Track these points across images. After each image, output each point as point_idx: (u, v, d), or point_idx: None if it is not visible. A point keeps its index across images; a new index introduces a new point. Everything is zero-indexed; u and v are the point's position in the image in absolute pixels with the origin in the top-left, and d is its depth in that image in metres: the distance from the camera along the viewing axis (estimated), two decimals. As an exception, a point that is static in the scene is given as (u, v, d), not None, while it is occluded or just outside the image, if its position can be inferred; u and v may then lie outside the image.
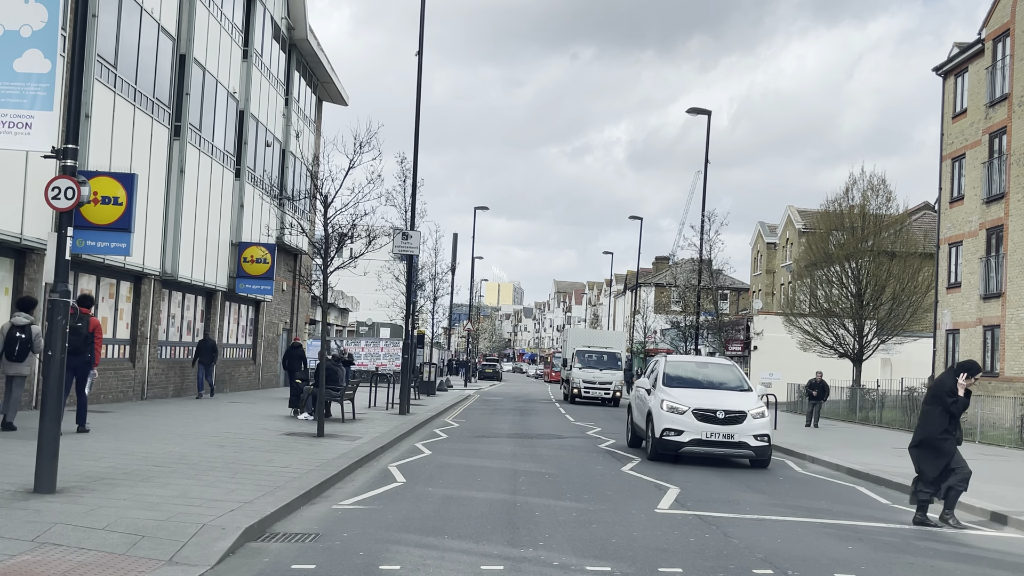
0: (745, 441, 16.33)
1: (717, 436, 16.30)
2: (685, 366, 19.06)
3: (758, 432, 16.43)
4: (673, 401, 16.66)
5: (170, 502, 9.18)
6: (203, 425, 17.75)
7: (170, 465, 11.84)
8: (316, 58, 36.43)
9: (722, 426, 16.29)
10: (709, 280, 41.03)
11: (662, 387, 17.34)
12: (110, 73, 20.29)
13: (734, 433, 16.30)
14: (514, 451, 17.77)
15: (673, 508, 11.37)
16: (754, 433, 16.38)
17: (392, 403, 27.00)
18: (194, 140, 25.42)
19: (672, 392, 17.09)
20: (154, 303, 24.14)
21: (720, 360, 19.84)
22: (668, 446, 16.43)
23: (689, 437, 16.29)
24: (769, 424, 16.93)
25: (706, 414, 16.39)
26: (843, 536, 10.18)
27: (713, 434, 16.27)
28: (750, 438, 16.35)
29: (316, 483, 11.24)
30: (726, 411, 16.43)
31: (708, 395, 17.17)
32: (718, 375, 18.47)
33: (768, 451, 16.71)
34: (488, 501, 11.18)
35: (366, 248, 17.52)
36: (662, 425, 16.44)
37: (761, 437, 16.46)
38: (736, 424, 16.34)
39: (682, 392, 17.10)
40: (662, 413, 16.56)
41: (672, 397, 16.83)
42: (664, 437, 16.40)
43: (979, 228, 32.02)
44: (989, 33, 31.69)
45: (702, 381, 18.00)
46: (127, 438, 14.80)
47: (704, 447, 16.51)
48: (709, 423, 16.30)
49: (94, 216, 18.54)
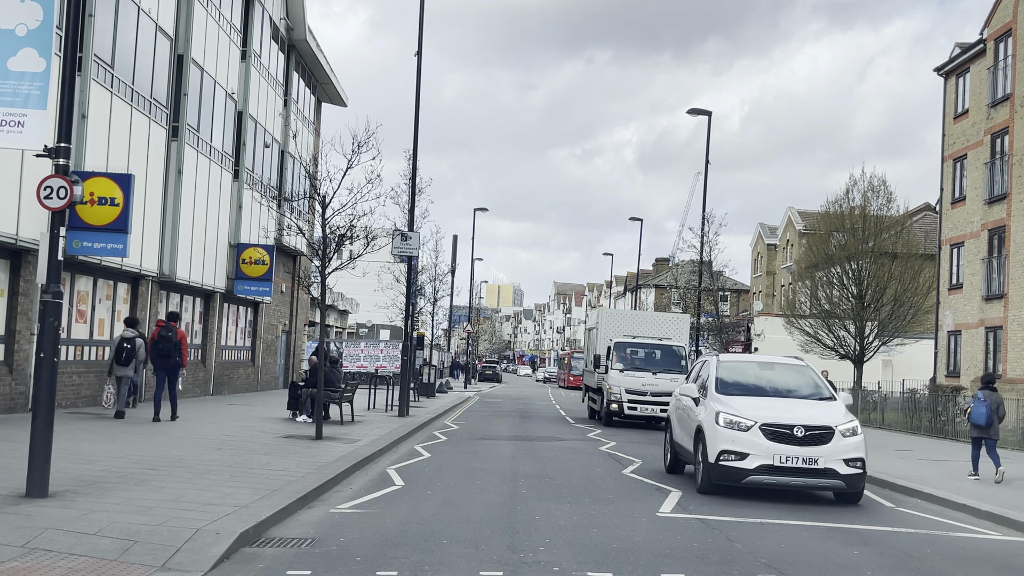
0: (833, 468, 12.38)
1: (795, 461, 12.31)
2: (744, 368, 14.82)
3: (850, 455, 12.51)
4: (733, 413, 12.82)
5: (164, 506, 9.03)
6: (200, 428, 17.60)
7: (165, 468, 11.70)
8: (315, 59, 36.30)
9: (802, 447, 12.38)
10: (710, 281, 40.88)
11: (715, 395, 13.50)
12: (107, 73, 20.16)
13: (818, 457, 12.34)
14: (514, 453, 17.63)
15: (675, 512, 11.23)
16: (845, 457, 12.46)
17: (391, 405, 26.85)
18: (192, 141, 25.28)
19: (730, 402, 13.22)
20: (152, 305, 23.98)
21: (789, 360, 15.28)
22: (727, 474, 12.49)
23: (756, 462, 12.33)
24: (864, 444, 12.82)
25: (779, 431, 12.48)
26: (848, 540, 10.03)
27: (790, 458, 12.30)
28: (839, 463, 12.41)
29: (313, 486, 11.09)
30: (807, 427, 12.50)
31: (779, 405, 13.29)
32: (788, 379, 14.44)
33: (862, 481, 12.73)
34: (487, 505, 11.04)
35: (364, 249, 17.38)
36: (719, 446, 12.59)
37: (854, 462, 12.52)
38: (821, 444, 12.46)
39: (743, 401, 13.26)
40: (718, 430, 12.69)
41: (731, 408, 12.98)
42: (721, 462, 12.50)
43: (981, 229, 31.89)
44: (991, 33, 31.56)
45: (767, 387, 14.16)
46: (123, 440, 14.65)
47: (777, 476, 12.41)
48: (784, 443, 12.40)
49: (91, 217, 18.42)
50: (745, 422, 12.61)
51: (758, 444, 12.44)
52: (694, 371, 15.53)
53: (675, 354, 27.62)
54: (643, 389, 26.53)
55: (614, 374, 26.83)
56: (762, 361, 15.53)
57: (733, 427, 12.65)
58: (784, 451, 12.35)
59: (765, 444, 12.41)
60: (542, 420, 28.98)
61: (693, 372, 15.62)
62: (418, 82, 25.82)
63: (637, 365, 27.15)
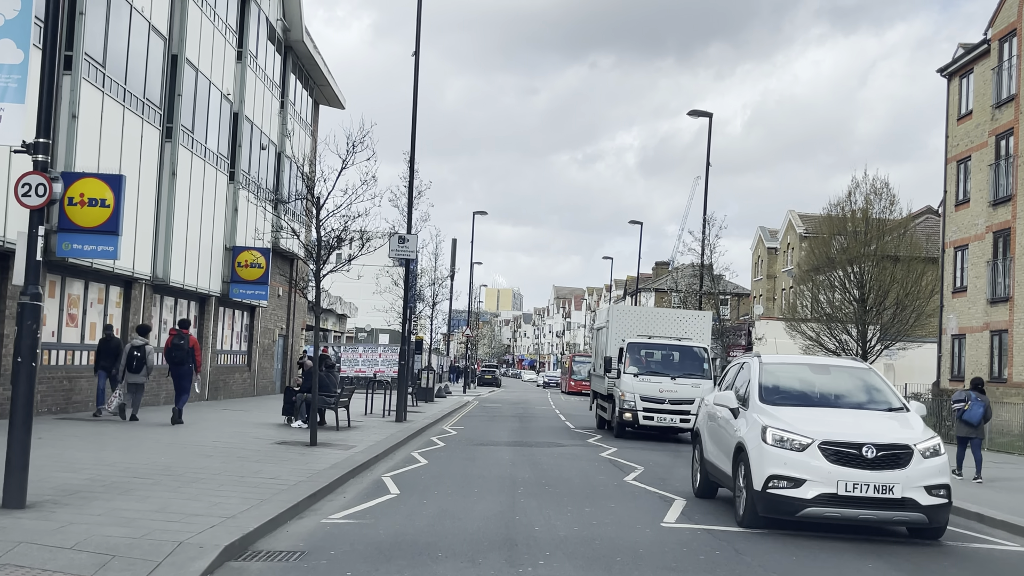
0: (912, 498, 9.96)
1: (865, 489, 9.89)
2: (793, 372, 12.34)
3: (933, 481, 10.11)
4: (785, 428, 10.41)
5: (147, 517, 8.64)
6: (192, 434, 17.21)
7: (153, 476, 11.31)
8: (312, 61, 35.94)
9: (873, 472, 9.95)
10: (711, 284, 40.51)
11: (760, 405, 11.16)
12: (98, 73, 19.78)
13: (894, 484, 9.92)
14: (513, 459, 17.24)
15: (680, 522, 10.83)
16: (927, 483, 10.07)
17: (389, 410, 26.43)
18: (186, 142, 24.91)
19: (779, 414, 10.81)
20: (145, 308, 23.60)
21: (847, 362, 13.05)
22: (777, 504, 10.12)
23: (815, 490, 9.93)
24: (947, 466, 10.50)
25: (844, 451, 10.05)
26: (862, 553, 9.63)
27: (858, 486, 9.89)
28: (919, 492, 10.01)
29: (305, 495, 10.71)
30: (878, 445, 10.09)
31: (840, 419, 10.90)
32: (848, 385, 11.99)
33: (946, 513, 10.36)
34: (485, 515, 10.64)
35: (359, 251, 16.99)
36: (767, 469, 10.21)
37: (937, 490, 10.14)
38: (896, 468, 10.01)
39: (795, 413, 10.87)
40: (766, 449, 10.34)
41: (782, 422, 10.56)
42: (771, 489, 10.13)
43: (986, 231, 31.52)
44: (995, 33, 31.22)
45: (823, 395, 11.79)
46: (112, 447, 14.27)
47: (842, 508, 9.92)
48: (850, 466, 9.98)
49: (81, 219, 18.04)
50: (800, 439, 10.20)
51: (817, 468, 10.00)
52: (728, 376, 13.17)
53: (696, 356, 24.32)
54: (660, 396, 23.28)
55: (627, 379, 23.62)
56: (815, 363, 13.23)
57: (785, 446, 10.24)
58: (851, 476, 9.92)
59: (826, 468, 9.98)
60: (541, 425, 28.58)
61: (727, 377, 13.17)
62: (415, 82, 25.48)
63: (653, 369, 24.03)
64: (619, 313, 27.83)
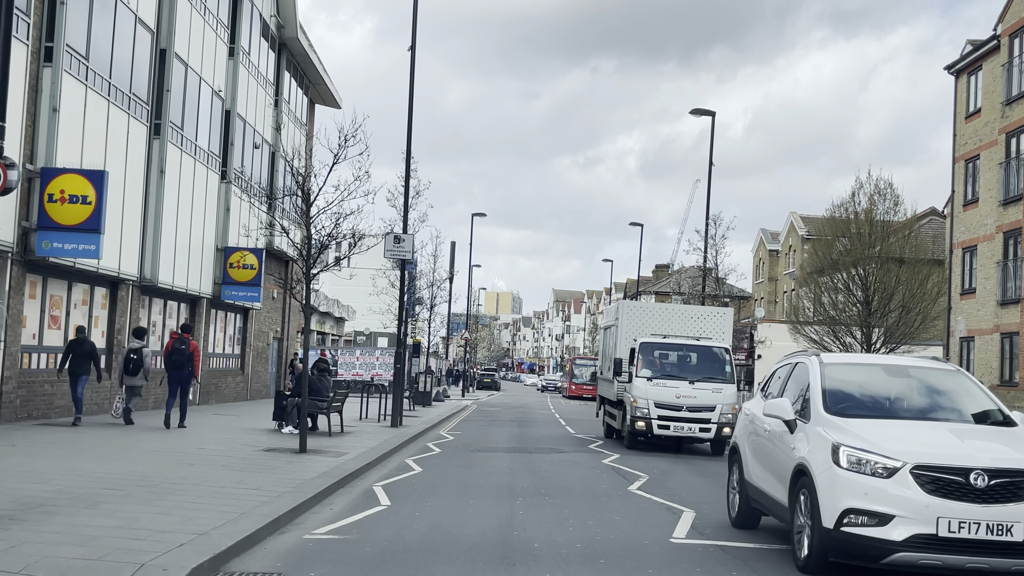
0: None
1: (975, 529, 7.65)
2: (864, 374, 9.99)
3: None
4: (864, 448, 8.13)
5: (111, 534, 7.92)
6: (176, 440, 16.48)
7: (125, 487, 10.58)
8: (307, 58, 35.23)
9: (985, 506, 7.71)
10: (715, 287, 39.82)
11: (825, 415, 8.84)
12: (81, 65, 19.07)
13: (1012, 522, 7.67)
14: (511, 467, 16.51)
15: (690, 537, 10.07)
16: None
17: (384, 415, 25.69)
18: (175, 139, 24.19)
19: (853, 428, 8.52)
20: (132, 310, 22.88)
21: (930, 362, 10.41)
22: (856, 547, 7.93)
23: (908, 530, 7.71)
24: None
25: (945, 478, 7.82)
26: (886, 570, 8.90)
27: (965, 524, 7.65)
28: None
29: (288, 508, 9.98)
30: (990, 471, 7.81)
31: (934, 435, 8.59)
32: (934, 392, 9.67)
33: None
34: (481, 529, 9.91)
35: (350, 250, 16.26)
36: (843, 501, 7.96)
37: None
38: (1015, 501, 7.76)
39: (873, 428, 8.55)
40: (839, 474, 8.07)
41: (859, 438, 8.27)
42: (846, 528, 7.93)
43: (995, 231, 30.81)
44: (1005, 29, 30.52)
45: (905, 405, 9.41)
46: (88, 455, 13.56)
47: (944, 553, 7.68)
48: (954, 498, 7.75)
49: (61, 216, 17.37)
50: (886, 462, 7.93)
51: (910, 500, 7.74)
52: (777, 379, 10.76)
53: (717, 358, 21.86)
54: (677, 403, 20.94)
55: (639, 383, 21.18)
56: (889, 363, 10.58)
57: (865, 470, 7.97)
58: (956, 512, 7.64)
59: (922, 500, 7.72)
60: (541, 431, 27.84)
61: (774, 381, 10.87)
62: (411, 77, 24.76)
63: (668, 372, 21.64)
64: (630, 310, 25.05)
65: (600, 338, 32.16)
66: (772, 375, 11.10)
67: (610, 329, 26.45)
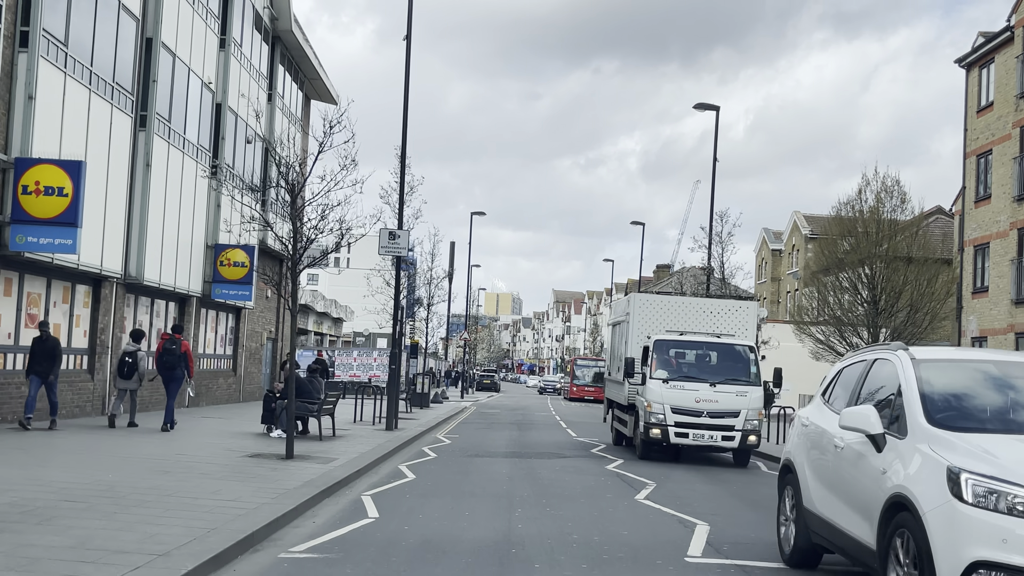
0: None
1: None
2: (971, 374, 7.67)
3: None
4: (997, 476, 5.96)
5: (57, 556, 7.04)
6: (158, 444, 15.61)
7: (88, 499, 9.70)
8: (302, 52, 34.35)
9: None
10: (721, 286, 38.94)
11: (928, 429, 6.72)
12: (59, 51, 18.19)
13: None
14: (510, 473, 15.62)
15: (707, 555, 9.15)
16: None
17: (380, 417, 24.81)
18: (162, 132, 23.31)
19: (974, 447, 6.38)
20: (117, 309, 21.99)
21: None
22: None
23: None
24: None
25: None
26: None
27: None
28: None
29: (264, 523, 9.10)
30: None
31: None
32: None
33: None
34: (476, 547, 9.03)
35: (335, 245, 15.36)
36: (971, 550, 5.82)
37: None
38: None
39: (1000, 447, 6.39)
40: (962, 511, 5.94)
41: (988, 463, 6.11)
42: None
43: (1009, 228, 29.93)
44: (1019, 20, 29.65)
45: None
46: (57, 462, 12.68)
47: None
48: None
49: (35, 209, 16.51)
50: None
51: None
52: (842, 381, 8.72)
53: (740, 357, 19.62)
54: (697, 408, 18.81)
55: (654, 386, 19.01)
56: (1001, 359, 8.00)
57: (999, 506, 5.84)
58: None
59: None
60: (543, 435, 26.94)
61: (840, 383, 8.75)
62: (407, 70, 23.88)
63: (686, 373, 19.38)
64: (642, 304, 22.48)
65: (607, 335, 29.20)
66: (836, 376, 8.99)
67: (619, 325, 24.20)
